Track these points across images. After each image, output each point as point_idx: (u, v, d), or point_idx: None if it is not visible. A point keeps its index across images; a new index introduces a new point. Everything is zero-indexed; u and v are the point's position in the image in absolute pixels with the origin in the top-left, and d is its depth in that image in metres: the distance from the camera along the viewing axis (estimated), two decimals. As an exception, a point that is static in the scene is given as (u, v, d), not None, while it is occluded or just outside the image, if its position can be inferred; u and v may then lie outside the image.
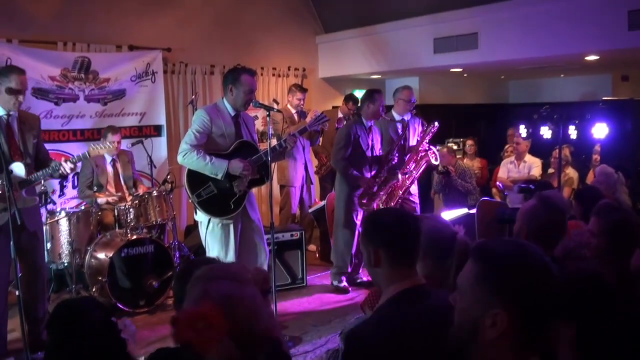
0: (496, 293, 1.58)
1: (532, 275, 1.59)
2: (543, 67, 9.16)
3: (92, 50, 7.71)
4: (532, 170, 8.34)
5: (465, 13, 7.91)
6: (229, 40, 9.05)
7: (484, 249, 1.69)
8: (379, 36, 9.26)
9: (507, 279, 1.59)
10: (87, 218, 6.45)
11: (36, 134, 5.02)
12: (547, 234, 2.95)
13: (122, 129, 7.43)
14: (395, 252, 2.34)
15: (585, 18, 6.75)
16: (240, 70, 5.14)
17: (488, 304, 1.59)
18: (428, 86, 10.44)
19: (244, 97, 5.00)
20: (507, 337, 1.57)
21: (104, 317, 2.26)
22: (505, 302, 1.57)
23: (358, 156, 6.52)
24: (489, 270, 1.62)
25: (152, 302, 6.16)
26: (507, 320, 1.56)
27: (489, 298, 1.59)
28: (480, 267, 1.64)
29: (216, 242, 5.00)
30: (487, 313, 1.58)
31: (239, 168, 4.90)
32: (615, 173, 6.11)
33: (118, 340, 2.26)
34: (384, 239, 2.36)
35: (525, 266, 1.60)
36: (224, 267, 1.78)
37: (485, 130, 12.05)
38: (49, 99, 7.27)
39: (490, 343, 1.58)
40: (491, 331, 1.57)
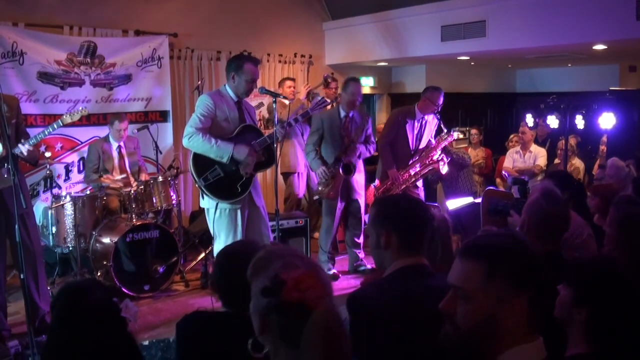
0: (512, 285, 1.59)
1: (533, 260, 1.63)
2: (550, 56, 9.10)
3: (98, 34, 7.69)
4: (537, 160, 8.32)
5: (473, 1, 7.87)
6: (235, 26, 9.02)
7: (483, 246, 1.68)
8: (386, 23, 9.22)
9: (517, 269, 1.60)
10: (93, 203, 6.46)
11: (14, 115, 5.00)
12: (550, 226, 2.97)
13: (128, 115, 7.43)
14: (407, 237, 2.43)
15: (594, 7, 6.70)
16: (244, 58, 5.17)
17: (504, 296, 1.59)
18: (435, 74, 10.39)
19: (246, 86, 5.03)
20: (523, 322, 1.59)
21: (105, 298, 2.31)
22: (520, 291, 1.59)
23: (331, 145, 6.53)
24: (499, 265, 1.61)
25: (156, 287, 6.19)
26: (526, 306, 1.59)
27: (504, 290, 1.59)
28: (487, 264, 1.62)
29: (223, 228, 5.01)
30: (504, 305, 1.59)
31: (244, 153, 4.91)
32: (626, 167, 6.08)
33: (118, 319, 2.31)
34: (398, 224, 2.45)
35: (524, 253, 1.63)
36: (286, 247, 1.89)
37: (492, 120, 12.02)
38: (55, 84, 7.27)
39: (506, 332, 1.59)
40: (511, 321, 1.58)
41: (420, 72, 10.67)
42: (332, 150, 6.50)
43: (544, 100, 7.81)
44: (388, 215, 2.49)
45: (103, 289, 2.40)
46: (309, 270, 1.61)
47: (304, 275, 1.55)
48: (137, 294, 6.02)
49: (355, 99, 6.48)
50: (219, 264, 2.81)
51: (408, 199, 2.66)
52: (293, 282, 1.51)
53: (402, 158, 6.86)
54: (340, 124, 6.50)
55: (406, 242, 2.43)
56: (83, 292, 2.36)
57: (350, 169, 6.42)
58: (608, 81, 10.20)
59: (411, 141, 6.92)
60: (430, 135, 7.06)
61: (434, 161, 6.80)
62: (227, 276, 2.66)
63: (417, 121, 6.91)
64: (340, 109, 6.59)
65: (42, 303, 5.15)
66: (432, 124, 7.03)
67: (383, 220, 2.49)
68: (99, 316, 2.27)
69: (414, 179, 6.86)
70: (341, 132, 6.49)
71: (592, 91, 10.02)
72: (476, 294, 1.62)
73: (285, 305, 1.50)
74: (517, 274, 1.60)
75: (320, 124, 6.51)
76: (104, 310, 2.28)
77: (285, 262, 1.63)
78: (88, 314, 2.27)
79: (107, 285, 2.56)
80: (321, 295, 1.53)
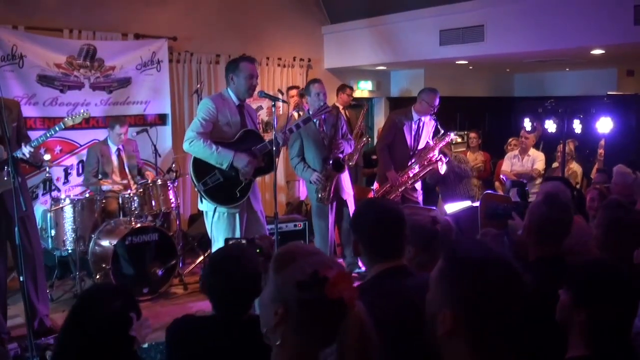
0: (447, 294, 1.58)
1: (486, 286, 1.54)
2: (548, 60, 9.13)
3: (98, 38, 7.71)
4: (535, 164, 8.34)
5: (471, 5, 7.89)
6: (234, 29, 9.04)
7: (453, 248, 1.69)
8: (385, 27, 9.24)
9: (459, 283, 1.56)
10: (92, 205, 6.48)
11: (15, 118, 5.03)
12: (551, 231, 2.97)
13: (127, 119, 7.44)
14: (373, 247, 2.48)
15: (592, 12, 6.73)
16: (238, 59, 5.20)
17: (441, 301, 1.59)
18: (433, 78, 10.39)
19: (246, 84, 5.01)
20: (458, 335, 1.56)
21: (121, 309, 2.28)
22: (452, 304, 1.56)
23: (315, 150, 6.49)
24: (448, 271, 1.61)
25: (155, 290, 6.21)
26: (451, 321, 1.55)
27: (442, 296, 1.59)
28: (443, 265, 1.63)
29: (221, 231, 5.01)
30: (440, 310, 1.58)
31: (244, 161, 4.91)
32: (632, 173, 6.08)
33: (125, 335, 2.27)
34: (362, 235, 2.50)
35: (481, 275, 1.55)
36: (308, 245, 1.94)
37: (490, 123, 12.04)
38: (55, 87, 7.28)
39: (445, 337, 1.57)
40: (441, 327, 1.57)
41: (418, 76, 10.69)
42: (316, 154, 6.45)
43: (542, 104, 7.82)
44: (357, 223, 2.55)
45: (122, 298, 2.37)
46: (343, 270, 1.63)
47: (341, 275, 1.56)
48: (136, 297, 6.00)
49: (321, 98, 6.40)
50: (211, 266, 2.80)
51: (375, 209, 2.59)
52: (334, 280, 1.53)
53: (400, 160, 6.90)
54: (315, 127, 6.47)
55: (372, 251, 2.47)
56: (101, 298, 2.36)
57: (341, 164, 6.38)
58: (606, 85, 10.22)
59: (409, 143, 6.96)
60: (428, 137, 7.10)
61: (433, 162, 6.84)
62: (219, 279, 2.67)
63: (414, 123, 6.96)
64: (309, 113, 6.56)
65: (40, 306, 5.16)
66: (430, 126, 7.08)
67: (354, 228, 2.57)
68: (107, 328, 2.26)
69: (413, 180, 6.90)
70: (319, 135, 6.47)
71: (590, 95, 10.05)
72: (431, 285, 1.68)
73: (323, 301, 1.52)
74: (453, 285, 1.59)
75: (297, 134, 6.36)
76: (113, 323, 2.26)
77: (318, 259, 1.65)
78: (97, 322, 2.26)
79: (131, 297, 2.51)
80: (355, 297, 1.55)
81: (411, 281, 2.37)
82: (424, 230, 2.75)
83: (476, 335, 1.54)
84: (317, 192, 6.46)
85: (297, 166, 6.54)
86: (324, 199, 6.44)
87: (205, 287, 2.78)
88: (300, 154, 6.51)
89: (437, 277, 1.64)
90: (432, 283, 1.66)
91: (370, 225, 2.48)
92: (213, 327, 2.64)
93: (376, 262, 2.46)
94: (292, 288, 1.57)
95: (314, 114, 5.89)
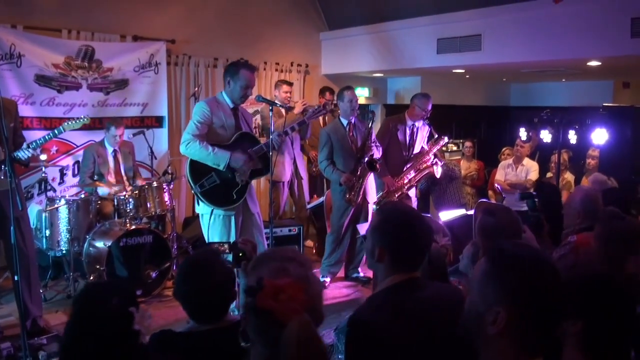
0: (499, 293, 1.62)
1: (538, 282, 1.61)
2: (545, 71, 9.17)
3: (97, 39, 7.71)
4: (529, 174, 8.37)
5: (469, 14, 7.92)
6: (233, 33, 9.06)
7: (497, 249, 1.73)
8: (382, 34, 9.27)
9: (512, 282, 1.61)
10: (87, 207, 6.47)
11: (13, 118, 5.03)
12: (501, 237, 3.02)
13: (124, 120, 7.45)
14: (400, 256, 2.38)
15: (589, 24, 6.76)
16: (240, 65, 5.22)
17: (491, 301, 1.62)
18: (430, 86, 10.41)
19: (240, 91, 5.06)
20: (507, 335, 1.60)
21: (120, 305, 2.27)
22: (506, 303, 1.60)
23: (345, 154, 6.57)
24: (496, 270, 1.65)
25: (149, 292, 6.20)
26: (506, 320, 1.59)
27: (492, 296, 1.63)
28: (489, 266, 1.67)
29: (217, 234, 5.03)
30: (489, 310, 1.61)
31: (241, 161, 4.94)
32: (607, 180, 6.12)
33: (129, 331, 2.26)
34: (391, 243, 2.38)
35: (532, 272, 1.62)
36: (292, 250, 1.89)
37: (486, 132, 12.09)
38: (52, 87, 7.28)
39: (491, 339, 1.61)
40: (491, 328, 1.61)
41: (415, 84, 10.71)
42: (345, 157, 6.55)
43: (538, 114, 7.85)
44: (386, 231, 2.41)
45: (122, 294, 2.34)
46: (297, 281, 1.62)
47: (288, 285, 1.56)
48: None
49: (353, 105, 6.55)
50: (182, 273, 2.75)
51: (410, 215, 2.50)
52: (271, 290, 1.52)
53: (396, 165, 6.93)
54: (346, 132, 6.57)
55: (400, 261, 2.38)
56: (99, 297, 2.34)
57: (374, 164, 6.42)
58: (602, 97, 10.28)
59: (404, 148, 7.00)
60: (423, 141, 7.15)
61: (428, 165, 6.89)
62: (189, 287, 2.64)
63: (408, 128, 7.02)
64: (341, 120, 6.66)
65: (33, 306, 5.15)
66: (424, 131, 7.14)
67: (380, 234, 2.42)
68: (110, 327, 2.24)
69: (409, 185, 6.93)
70: (349, 140, 6.56)
71: (586, 106, 10.09)
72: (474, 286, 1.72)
73: (257, 309, 1.52)
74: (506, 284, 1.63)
75: (327, 137, 6.57)
76: (117, 319, 2.25)
77: (279, 266, 1.66)
78: (99, 323, 2.25)
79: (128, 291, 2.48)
80: (298, 310, 1.53)
81: (426, 292, 2.35)
82: None
83: (526, 333, 1.59)
84: (346, 193, 6.50)
85: (326, 168, 6.61)
86: (352, 200, 6.50)
87: (177, 296, 2.75)
88: (329, 157, 6.59)
89: (482, 278, 1.67)
90: (475, 285, 1.69)
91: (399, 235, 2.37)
92: (192, 339, 2.61)
93: (392, 272, 2.37)
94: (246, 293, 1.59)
95: (309, 116, 5.93)
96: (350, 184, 6.46)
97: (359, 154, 6.50)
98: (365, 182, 6.52)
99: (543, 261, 1.67)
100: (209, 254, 2.89)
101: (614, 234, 3.18)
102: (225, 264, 2.74)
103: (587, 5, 6.76)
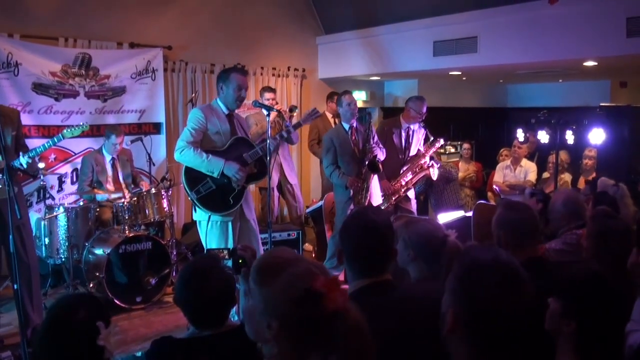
0: (453, 293, 1.63)
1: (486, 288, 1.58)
2: (541, 71, 9.19)
3: (93, 46, 7.73)
4: (528, 175, 8.39)
5: (465, 17, 7.94)
6: (229, 39, 9.08)
7: (464, 250, 1.74)
8: (379, 38, 9.29)
9: (462, 283, 1.62)
10: (86, 214, 6.47)
11: (15, 127, 5.05)
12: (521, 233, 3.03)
13: (122, 128, 7.44)
14: (357, 261, 2.42)
15: (584, 24, 6.78)
16: (230, 69, 5.26)
17: (447, 301, 1.65)
18: (427, 89, 10.44)
19: (234, 94, 5.05)
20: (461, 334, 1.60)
21: (86, 318, 2.26)
22: (455, 304, 1.61)
23: (348, 158, 6.59)
24: (456, 271, 1.66)
25: (149, 299, 6.19)
26: (452, 320, 1.60)
27: (449, 295, 1.65)
28: (455, 267, 1.68)
29: (215, 240, 5.02)
30: (446, 310, 1.64)
31: (235, 169, 4.93)
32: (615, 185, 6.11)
33: (93, 346, 2.24)
34: (347, 248, 2.45)
35: (483, 278, 1.60)
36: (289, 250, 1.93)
37: (483, 134, 12.10)
38: (49, 95, 7.29)
39: (449, 336, 1.62)
40: (444, 325, 1.63)
41: (412, 87, 10.73)
42: (349, 162, 6.58)
43: (535, 115, 7.86)
44: (344, 235, 2.48)
45: (88, 308, 2.33)
46: (326, 274, 1.63)
47: (329, 282, 1.56)
48: (129, 306, 6.03)
49: (352, 109, 6.61)
50: (182, 279, 2.72)
51: (363, 222, 2.49)
52: (328, 291, 1.53)
53: (392, 168, 6.93)
54: (348, 136, 6.62)
55: (356, 265, 2.41)
56: (69, 309, 2.33)
57: (376, 165, 6.44)
58: (599, 97, 10.29)
59: (399, 151, 7.01)
60: (419, 144, 7.16)
61: (424, 168, 6.90)
62: (189, 293, 2.63)
63: (404, 131, 7.03)
64: (343, 124, 6.72)
65: (34, 314, 5.15)
66: (420, 133, 7.15)
67: (341, 238, 2.50)
68: (73, 339, 2.24)
69: (406, 188, 6.93)
70: (351, 144, 6.60)
71: (583, 106, 10.11)
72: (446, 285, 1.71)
73: (322, 314, 1.51)
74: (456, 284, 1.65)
75: (330, 142, 6.63)
76: (79, 333, 2.24)
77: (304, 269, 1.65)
78: (63, 334, 2.25)
79: (97, 304, 2.47)
80: (346, 296, 1.56)
81: (396, 295, 2.35)
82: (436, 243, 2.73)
83: (475, 335, 1.58)
84: (354, 197, 6.52)
85: (332, 173, 6.63)
86: (360, 203, 6.50)
87: (177, 302, 2.74)
88: (334, 162, 6.63)
89: (450, 278, 1.68)
90: (446, 284, 1.70)
91: (358, 240, 2.42)
92: (193, 345, 2.60)
93: (355, 278, 2.41)
94: (286, 304, 1.57)
95: (304, 118, 5.95)
96: (356, 188, 6.48)
97: (360, 157, 6.53)
98: (370, 184, 6.53)
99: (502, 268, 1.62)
100: (208, 259, 2.89)
101: (611, 231, 3.20)
102: (225, 270, 2.74)
103: (582, 6, 6.77)
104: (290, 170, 8.24)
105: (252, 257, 2.84)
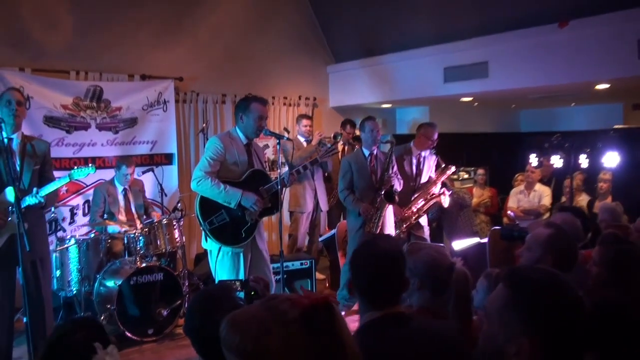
0: (524, 322, 1.55)
1: (562, 309, 1.55)
2: (554, 95, 9.14)
3: (105, 79, 7.78)
4: (542, 199, 8.31)
5: (475, 42, 7.93)
6: (240, 70, 9.11)
7: (517, 275, 1.66)
8: (389, 66, 9.30)
9: (537, 309, 1.55)
10: (97, 246, 6.45)
11: (40, 161, 5.04)
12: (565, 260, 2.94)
13: (133, 158, 7.44)
14: (368, 292, 2.35)
15: (595, 47, 6.75)
16: (250, 99, 5.20)
17: (514, 331, 1.55)
18: (439, 115, 10.42)
19: (254, 125, 5.03)
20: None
21: (83, 341, 2.24)
22: (530, 332, 1.53)
23: (364, 184, 6.52)
24: (520, 298, 1.58)
25: (160, 331, 6.13)
26: (530, 350, 1.52)
27: (515, 325, 1.56)
28: (511, 294, 1.60)
29: (225, 271, 4.98)
30: (512, 341, 1.55)
31: (252, 200, 4.90)
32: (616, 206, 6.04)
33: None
34: (356, 278, 2.38)
35: (556, 298, 1.56)
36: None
37: (497, 159, 12.01)
38: (61, 127, 7.33)
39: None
40: (518, 358, 1.54)
41: (424, 114, 10.71)
42: (364, 189, 6.49)
43: (549, 139, 7.81)
44: (351, 267, 2.43)
45: (87, 330, 2.32)
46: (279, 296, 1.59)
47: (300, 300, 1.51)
48: (141, 338, 5.97)
49: (374, 135, 6.50)
50: (191, 308, 2.62)
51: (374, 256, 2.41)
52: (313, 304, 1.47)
53: (403, 195, 6.85)
54: (367, 162, 6.54)
55: (366, 298, 2.35)
56: (67, 330, 2.33)
57: (392, 195, 6.38)
58: (612, 119, 10.23)
59: (410, 178, 6.95)
60: (430, 171, 7.11)
61: (436, 195, 6.84)
62: (198, 324, 2.52)
63: (415, 157, 6.99)
64: (363, 150, 6.63)
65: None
66: (431, 160, 7.11)
67: (351, 269, 2.44)
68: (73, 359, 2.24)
69: (417, 215, 6.86)
70: (369, 170, 6.52)
71: (597, 130, 10.03)
72: (493, 317, 1.62)
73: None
74: (531, 313, 1.55)
75: (348, 166, 6.55)
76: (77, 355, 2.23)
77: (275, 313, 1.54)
78: (63, 353, 2.25)
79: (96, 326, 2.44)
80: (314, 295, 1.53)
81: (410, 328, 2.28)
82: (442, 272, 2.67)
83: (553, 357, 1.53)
84: (365, 225, 6.42)
85: (346, 198, 6.54)
86: (371, 232, 6.41)
87: (186, 331, 2.67)
88: (349, 186, 6.54)
89: (501, 307, 1.60)
90: (492, 314, 1.62)
91: (368, 270, 2.36)
92: None
93: (367, 310, 2.35)
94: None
95: (321, 155, 5.93)
96: (368, 215, 6.39)
97: (377, 185, 6.46)
98: (384, 213, 6.45)
99: (566, 288, 1.59)
100: (220, 288, 2.84)
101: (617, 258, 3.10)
102: (237, 299, 2.68)
103: (592, 29, 6.74)
104: (323, 198, 8.15)
105: (265, 289, 2.79)
